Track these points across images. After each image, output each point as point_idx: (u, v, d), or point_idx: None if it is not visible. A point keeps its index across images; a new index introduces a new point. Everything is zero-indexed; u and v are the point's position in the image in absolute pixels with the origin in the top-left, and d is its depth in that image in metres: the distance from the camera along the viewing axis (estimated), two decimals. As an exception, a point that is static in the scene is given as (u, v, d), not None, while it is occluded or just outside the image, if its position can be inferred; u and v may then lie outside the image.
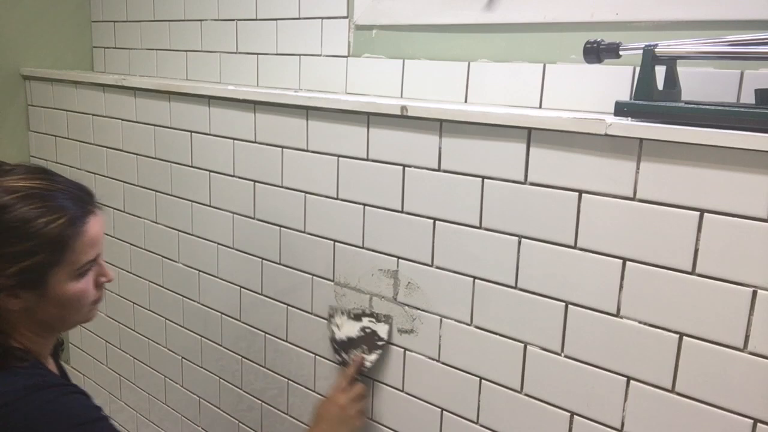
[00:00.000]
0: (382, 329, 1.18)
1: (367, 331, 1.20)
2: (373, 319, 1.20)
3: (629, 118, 0.86)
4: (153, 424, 1.82)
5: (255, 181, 1.40)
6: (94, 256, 0.97)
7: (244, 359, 1.50)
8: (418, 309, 1.14)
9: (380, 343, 1.19)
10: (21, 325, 0.95)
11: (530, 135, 0.96)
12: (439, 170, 1.07)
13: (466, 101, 1.20)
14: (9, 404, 0.87)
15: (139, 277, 1.76)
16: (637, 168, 0.86)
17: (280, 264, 1.37)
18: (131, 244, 1.77)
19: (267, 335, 1.43)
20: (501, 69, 1.15)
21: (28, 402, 0.88)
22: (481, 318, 1.06)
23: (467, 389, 1.09)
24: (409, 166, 1.11)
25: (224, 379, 1.56)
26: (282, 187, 1.34)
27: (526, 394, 1.02)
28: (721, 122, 0.78)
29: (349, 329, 1.24)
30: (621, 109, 0.87)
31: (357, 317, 1.22)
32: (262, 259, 1.41)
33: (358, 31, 1.36)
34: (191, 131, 1.53)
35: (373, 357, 1.19)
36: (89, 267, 0.97)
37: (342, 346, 1.25)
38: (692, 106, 0.82)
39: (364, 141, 1.17)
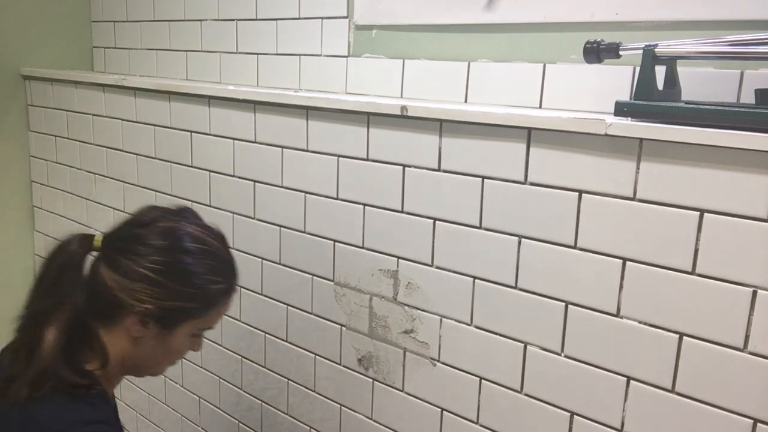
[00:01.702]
0: None
1: None
2: None
3: (629, 118, 0.86)
4: (153, 424, 1.82)
5: (255, 181, 1.40)
6: (213, 326, 1.06)
7: (244, 359, 1.50)
8: (418, 309, 1.14)
9: None
10: (116, 352, 0.99)
11: (530, 135, 0.96)
12: (439, 170, 1.07)
13: (466, 101, 1.20)
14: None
15: (139, 277, 1.76)
16: (637, 168, 0.86)
17: (280, 264, 1.37)
18: (131, 244, 1.76)
19: (267, 335, 1.43)
20: (501, 69, 1.15)
21: None
22: (481, 318, 1.06)
23: (467, 389, 1.09)
24: (409, 166, 1.11)
25: (224, 379, 1.56)
26: (282, 187, 1.34)
27: (526, 394, 1.02)
28: (721, 122, 0.78)
29: None
30: (621, 109, 0.87)
31: None
32: (262, 259, 1.41)
33: (358, 31, 1.36)
34: (191, 131, 1.53)
35: None
36: (203, 332, 1.05)
37: None
38: (692, 106, 0.82)
39: (364, 141, 1.17)
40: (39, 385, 0.91)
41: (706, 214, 0.81)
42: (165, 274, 0.96)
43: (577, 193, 0.92)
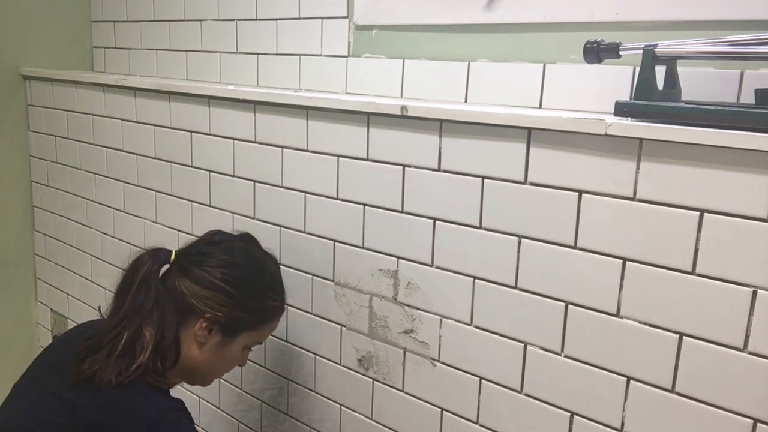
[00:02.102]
0: None
1: None
2: None
3: (629, 118, 0.86)
4: (153, 424, 1.82)
5: (255, 181, 1.40)
6: (263, 341, 1.20)
7: (244, 359, 1.50)
8: (418, 309, 1.14)
9: None
10: (183, 354, 1.10)
11: (530, 135, 0.96)
12: (439, 170, 1.07)
13: (466, 101, 1.20)
14: (158, 417, 1.00)
15: (139, 277, 1.76)
16: (637, 168, 0.86)
17: (280, 264, 1.37)
18: (131, 244, 1.76)
19: (267, 335, 1.43)
20: (501, 69, 1.15)
21: (166, 420, 1.01)
22: (481, 318, 1.06)
23: (467, 389, 1.09)
24: (409, 166, 1.11)
25: (224, 379, 1.56)
26: (282, 187, 1.34)
27: (526, 394, 1.02)
28: (721, 122, 0.78)
29: None
30: (621, 109, 0.87)
31: None
32: (262, 259, 1.41)
33: (358, 31, 1.36)
34: (191, 131, 1.53)
35: None
36: (254, 346, 1.19)
37: None
38: (692, 106, 0.82)
39: (364, 141, 1.17)
40: (129, 374, 1.00)
41: (706, 214, 0.81)
42: (234, 285, 1.09)
43: (577, 193, 0.92)
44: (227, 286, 1.08)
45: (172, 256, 1.12)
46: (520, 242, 0.99)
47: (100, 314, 1.18)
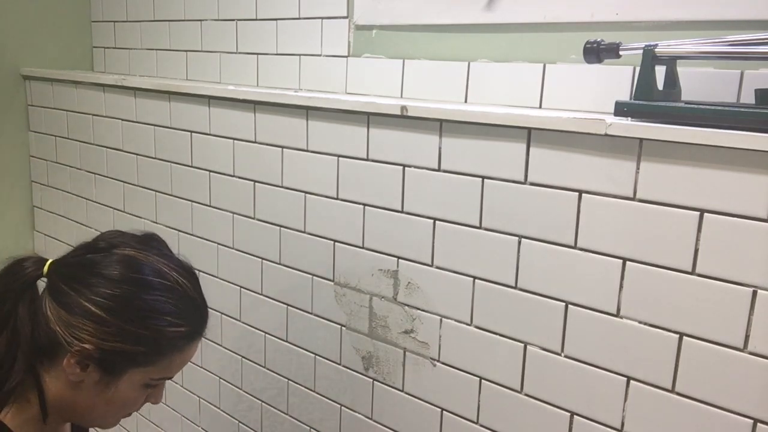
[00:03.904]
0: None
1: None
2: None
3: (629, 118, 0.86)
4: (153, 424, 1.82)
5: (255, 181, 1.40)
6: (171, 376, 0.92)
7: (244, 359, 1.50)
8: (418, 309, 1.14)
9: None
10: (53, 396, 0.88)
11: (530, 135, 0.96)
12: (439, 170, 1.07)
13: (466, 101, 1.20)
14: None
15: (139, 277, 1.76)
16: (637, 168, 0.86)
17: (280, 264, 1.37)
18: (131, 244, 1.76)
19: (267, 335, 1.43)
20: (501, 69, 1.15)
21: None
22: (481, 318, 1.06)
23: (467, 389, 1.09)
24: (409, 166, 1.11)
25: (224, 379, 1.56)
26: (282, 187, 1.34)
27: (526, 394, 1.02)
28: (721, 122, 0.78)
29: None
30: (621, 109, 0.87)
31: None
32: (262, 259, 1.41)
33: (358, 31, 1.36)
34: (191, 131, 1.53)
35: None
36: (159, 383, 0.92)
37: None
38: (692, 106, 0.82)
39: (364, 141, 1.17)
40: None
41: (706, 214, 0.81)
42: (110, 310, 0.84)
43: (577, 193, 0.92)
44: (102, 312, 0.83)
45: (45, 269, 0.88)
46: (520, 242, 0.99)
47: None
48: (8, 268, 0.89)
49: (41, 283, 0.90)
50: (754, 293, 0.79)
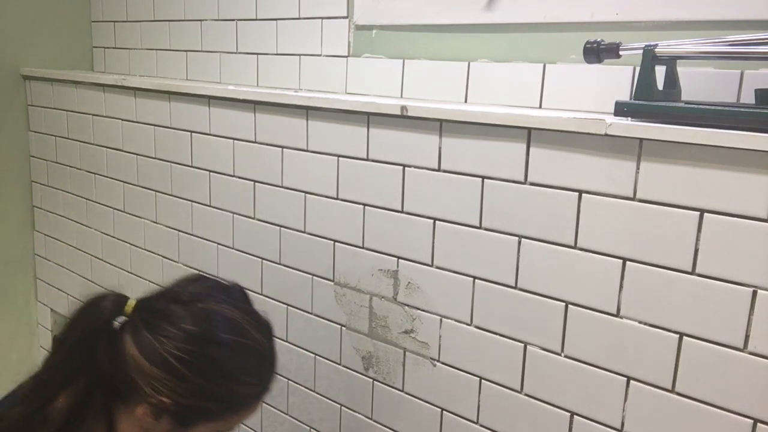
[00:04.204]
0: None
1: None
2: None
3: (629, 118, 0.86)
4: (153, 424, 1.82)
5: (255, 181, 1.40)
6: (232, 429, 0.92)
7: (244, 359, 1.50)
8: (418, 309, 1.14)
9: None
10: None
11: (530, 135, 0.96)
12: (439, 170, 1.07)
13: (466, 101, 1.20)
14: None
15: (140, 277, 1.76)
16: (637, 168, 0.86)
17: (280, 264, 1.37)
18: (131, 244, 1.77)
19: (267, 335, 1.43)
20: (501, 69, 1.15)
21: None
22: (481, 318, 1.06)
23: (467, 389, 1.09)
24: (409, 166, 1.11)
25: (224, 379, 1.56)
26: (282, 187, 1.34)
27: (526, 394, 1.02)
28: (721, 122, 0.78)
29: None
30: (621, 109, 0.87)
31: None
32: (262, 259, 1.41)
33: (358, 31, 1.36)
34: (191, 131, 1.53)
35: None
36: None
37: None
38: (692, 106, 0.82)
39: (364, 141, 1.17)
40: None
41: (706, 214, 0.81)
42: (192, 367, 0.83)
43: (577, 193, 0.92)
44: (180, 366, 0.82)
45: (130, 308, 0.87)
46: (520, 242, 0.99)
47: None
48: (89, 305, 0.88)
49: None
50: (754, 293, 0.79)
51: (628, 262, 0.88)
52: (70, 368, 0.84)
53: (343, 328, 1.27)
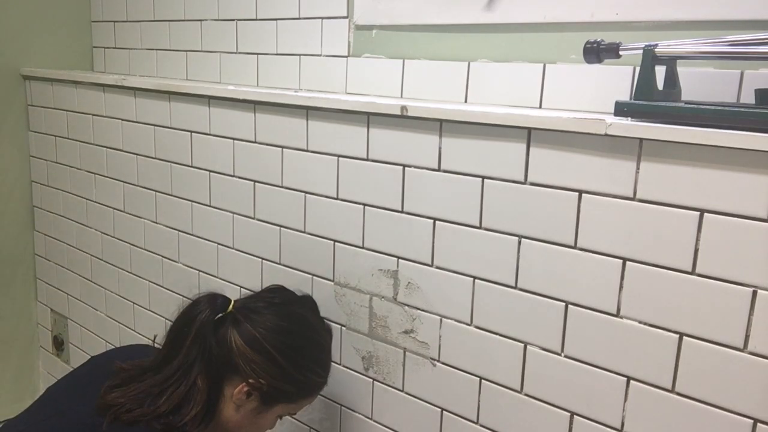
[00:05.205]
0: None
1: None
2: None
3: (629, 118, 0.86)
4: (153, 424, 1.82)
5: (255, 181, 1.40)
6: (295, 414, 1.15)
7: (244, 359, 1.50)
8: (418, 309, 1.14)
9: None
10: (218, 414, 1.04)
11: (530, 135, 0.96)
12: (439, 170, 1.07)
13: (466, 101, 1.20)
14: None
15: (139, 277, 1.76)
16: (637, 168, 0.86)
17: (280, 264, 1.37)
18: (131, 244, 1.77)
19: (267, 335, 1.43)
20: (501, 69, 1.15)
21: None
22: (481, 318, 1.06)
23: (467, 389, 1.09)
24: (409, 166, 1.11)
25: (224, 379, 1.56)
26: (282, 187, 1.34)
27: (526, 394, 1.02)
28: (721, 122, 0.78)
29: None
30: (621, 109, 0.87)
31: None
32: (262, 259, 1.41)
33: (358, 31, 1.36)
34: (191, 131, 1.53)
35: None
36: (287, 416, 1.14)
37: None
38: (692, 106, 0.82)
39: (364, 141, 1.17)
40: (170, 426, 0.97)
41: (706, 214, 0.81)
42: (285, 355, 1.04)
43: (577, 193, 0.92)
44: (278, 354, 1.03)
45: (230, 307, 1.07)
46: (520, 242, 0.99)
47: (153, 343, 1.18)
48: (193, 305, 1.06)
49: None
50: (754, 293, 0.79)
51: (628, 262, 0.88)
52: (197, 358, 1.02)
53: (343, 328, 1.27)
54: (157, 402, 0.98)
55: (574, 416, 0.97)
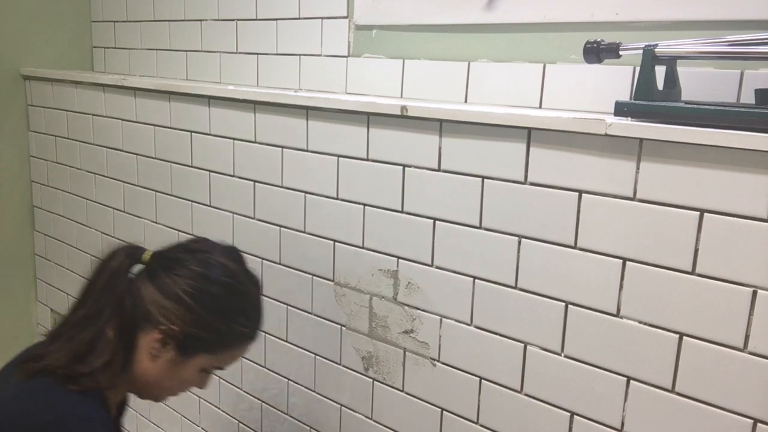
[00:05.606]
0: None
1: None
2: None
3: (629, 118, 0.86)
4: (153, 424, 1.82)
5: (255, 181, 1.40)
6: (224, 368, 1.07)
7: (244, 359, 1.50)
8: (418, 309, 1.14)
9: None
10: (133, 365, 1.01)
11: (530, 135, 0.96)
12: (439, 170, 1.07)
13: (466, 101, 1.20)
14: (55, 422, 0.91)
15: (139, 277, 1.76)
16: (637, 168, 0.86)
17: (280, 264, 1.37)
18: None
19: (267, 335, 1.43)
20: (501, 69, 1.15)
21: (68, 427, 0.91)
22: (481, 318, 1.06)
23: (467, 389, 1.09)
24: (409, 166, 1.11)
25: (224, 379, 1.56)
26: (282, 187, 1.34)
27: (526, 394, 1.02)
28: (721, 122, 0.78)
29: None
30: (621, 109, 0.87)
31: None
32: (262, 259, 1.41)
33: (358, 31, 1.36)
34: (191, 131, 1.53)
35: None
36: (213, 371, 1.07)
37: None
38: (692, 106, 0.82)
39: (364, 141, 1.17)
40: (77, 375, 0.94)
41: (706, 214, 0.81)
42: (198, 301, 0.99)
43: (577, 193, 0.92)
44: (190, 300, 0.98)
45: (148, 257, 1.03)
46: (520, 242, 0.99)
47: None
48: (111, 254, 1.03)
49: None
50: (754, 293, 0.79)
51: (628, 262, 0.88)
52: (106, 305, 0.99)
53: (343, 328, 1.27)
54: (60, 351, 0.96)
55: (574, 416, 0.97)
